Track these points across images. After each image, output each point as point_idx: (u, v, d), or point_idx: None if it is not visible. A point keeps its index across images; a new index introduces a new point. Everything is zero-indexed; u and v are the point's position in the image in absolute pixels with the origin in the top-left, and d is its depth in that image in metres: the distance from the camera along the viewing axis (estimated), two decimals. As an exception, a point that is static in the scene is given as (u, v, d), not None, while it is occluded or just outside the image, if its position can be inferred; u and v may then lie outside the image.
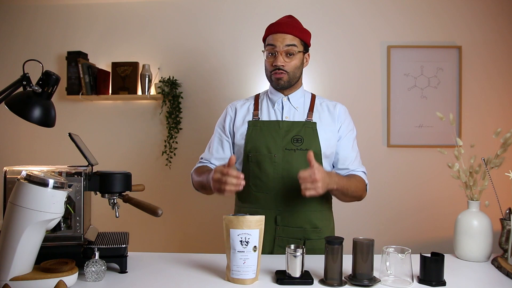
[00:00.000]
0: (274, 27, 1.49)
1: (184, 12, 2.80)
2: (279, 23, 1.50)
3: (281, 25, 1.48)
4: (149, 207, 1.18)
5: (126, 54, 2.80)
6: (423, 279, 1.13)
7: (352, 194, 1.46)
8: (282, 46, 1.46)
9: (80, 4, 2.83)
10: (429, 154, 2.65)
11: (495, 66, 2.66)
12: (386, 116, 2.70)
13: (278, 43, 1.46)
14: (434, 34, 2.69)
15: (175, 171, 2.79)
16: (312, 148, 1.47)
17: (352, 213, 2.63)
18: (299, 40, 1.48)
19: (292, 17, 1.54)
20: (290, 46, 1.46)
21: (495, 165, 1.40)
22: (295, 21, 1.52)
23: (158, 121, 2.81)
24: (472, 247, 1.36)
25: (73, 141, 1.25)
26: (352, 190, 1.45)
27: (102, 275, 1.13)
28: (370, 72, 2.72)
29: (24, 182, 1.01)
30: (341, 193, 1.42)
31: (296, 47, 1.47)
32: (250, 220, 1.12)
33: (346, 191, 1.42)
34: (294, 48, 1.46)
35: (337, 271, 1.10)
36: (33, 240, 1.03)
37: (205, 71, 2.79)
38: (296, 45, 1.47)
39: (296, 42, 1.47)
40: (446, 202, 2.61)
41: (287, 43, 1.46)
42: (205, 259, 1.34)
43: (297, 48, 1.47)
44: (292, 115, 1.53)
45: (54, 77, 1.15)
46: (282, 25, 1.48)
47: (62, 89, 2.74)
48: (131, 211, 1.39)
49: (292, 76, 1.50)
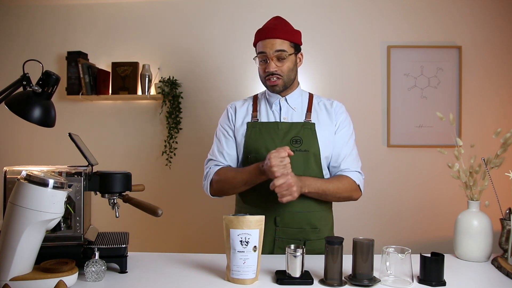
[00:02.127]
0: (262, 33, 1.48)
1: (184, 12, 2.80)
2: (267, 28, 1.48)
3: (268, 30, 1.46)
4: (149, 207, 1.18)
5: (126, 54, 2.81)
6: (423, 279, 1.13)
7: (334, 196, 1.46)
8: (272, 52, 1.45)
9: (80, 4, 2.83)
10: (429, 154, 2.65)
11: (495, 66, 2.66)
12: (386, 116, 2.70)
13: (268, 49, 1.45)
14: (434, 34, 2.69)
15: (175, 171, 2.79)
16: (311, 149, 1.47)
17: (352, 213, 2.63)
18: (289, 43, 1.47)
19: (279, 19, 1.52)
20: (280, 51, 1.45)
21: (495, 165, 1.40)
22: (282, 23, 1.50)
23: (158, 121, 2.81)
24: (472, 247, 1.36)
25: (73, 141, 1.25)
26: (333, 192, 1.44)
27: (102, 275, 1.13)
28: (370, 72, 2.72)
29: (24, 182, 1.01)
30: (318, 195, 1.44)
31: (285, 52, 1.45)
32: (250, 220, 1.12)
33: (324, 193, 1.43)
34: (284, 53, 1.45)
35: (337, 271, 1.10)
36: (33, 240, 1.03)
37: (205, 71, 2.79)
38: (285, 49, 1.45)
39: (286, 46, 1.46)
40: (446, 202, 2.61)
41: (276, 49, 1.44)
42: (205, 259, 1.34)
43: (287, 52, 1.46)
44: (290, 116, 1.53)
45: (54, 77, 1.15)
46: (269, 30, 1.46)
47: (62, 89, 2.74)
48: (131, 211, 1.39)
49: (287, 79, 1.49)
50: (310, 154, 1.46)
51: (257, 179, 1.41)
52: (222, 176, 1.50)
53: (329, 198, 1.48)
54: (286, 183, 1.29)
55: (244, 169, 1.46)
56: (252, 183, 1.44)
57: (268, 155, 1.31)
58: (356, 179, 1.50)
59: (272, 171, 1.29)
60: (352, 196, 1.51)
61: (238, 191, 1.53)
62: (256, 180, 1.42)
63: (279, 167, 1.29)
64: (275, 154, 1.30)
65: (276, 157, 1.29)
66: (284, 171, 1.30)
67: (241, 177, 1.45)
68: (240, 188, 1.49)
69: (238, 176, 1.46)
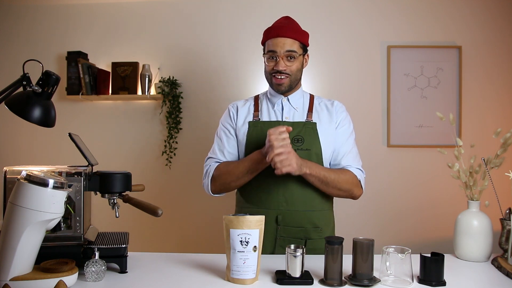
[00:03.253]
0: (273, 31, 1.48)
1: (184, 12, 2.80)
2: (278, 27, 1.49)
3: (280, 29, 1.47)
4: (149, 207, 1.18)
5: (126, 54, 2.81)
6: (423, 279, 1.13)
7: (335, 185, 1.43)
8: (283, 52, 1.46)
9: (80, 4, 2.83)
10: (429, 154, 2.65)
11: (495, 66, 2.66)
12: (386, 116, 2.70)
13: (279, 48, 1.46)
14: (434, 34, 2.69)
15: (175, 171, 2.79)
16: (313, 148, 1.47)
17: (352, 213, 2.63)
18: (299, 43, 1.48)
19: (289, 19, 1.54)
20: (290, 51, 1.46)
21: (495, 165, 1.40)
22: (293, 23, 1.51)
23: (158, 121, 2.81)
24: (472, 247, 1.35)
25: (73, 141, 1.25)
26: (334, 180, 1.42)
27: (102, 275, 1.13)
28: (370, 72, 2.72)
29: (24, 182, 1.01)
30: (319, 181, 1.41)
31: (296, 52, 1.47)
32: (250, 220, 1.12)
33: (325, 180, 1.41)
34: (294, 53, 1.46)
35: (337, 271, 1.10)
36: (33, 240, 1.03)
37: (205, 71, 2.79)
38: (295, 50, 1.47)
39: (296, 46, 1.47)
40: (446, 202, 2.61)
41: (287, 49, 1.46)
42: (205, 259, 1.34)
43: (297, 52, 1.47)
44: (292, 116, 1.54)
45: (54, 77, 1.15)
46: (281, 29, 1.47)
47: (62, 89, 2.74)
48: (131, 211, 1.39)
49: (294, 79, 1.51)
50: (312, 153, 1.47)
51: (260, 165, 1.40)
52: (223, 169, 1.49)
53: (330, 187, 1.44)
54: (285, 151, 1.28)
55: (245, 158, 1.47)
56: (255, 170, 1.43)
57: (268, 132, 1.31)
58: (357, 175, 1.49)
59: (272, 145, 1.28)
60: (352, 191, 1.48)
61: (241, 182, 1.48)
62: (258, 166, 1.41)
63: (278, 140, 1.29)
64: (273, 130, 1.31)
65: (275, 132, 1.30)
66: (284, 144, 1.29)
67: (243, 165, 1.44)
68: (243, 178, 1.46)
69: (240, 165, 1.45)
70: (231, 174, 1.47)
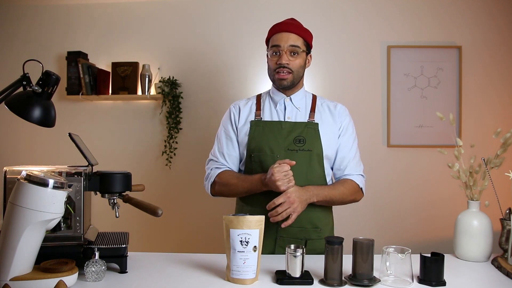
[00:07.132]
0: (278, 27, 1.52)
1: (184, 12, 2.80)
2: (283, 23, 1.53)
3: (285, 25, 1.51)
4: (149, 207, 1.18)
5: (126, 54, 2.80)
6: (423, 279, 1.13)
7: (340, 201, 1.50)
8: (287, 46, 1.48)
9: (80, 4, 2.83)
10: (429, 154, 2.65)
11: (495, 66, 2.66)
12: (386, 116, 2.70)
13: (283, 43, 1.48)
14: (434, 34, 2.69)
15: (175, 171, 2.79)
16: (314, 148, 1.48)
17: (352, 213, 2.62)
18: (303, 40, 1.51)
19: (294, 20, 1.57)
20: (294, 46, 1.48)
21: (495, 165, 1.40)
22: (298, 23, 1.55)
23: (158, 121, 2.81)
24: (472, 247, 1.36)
25: (73, 141, 1.25)
26: (339, 198, 1.48)
27: (102, 275, 1.13)
28: (370, 72, 2.72)
29: (24, 182, 1.01)
30: (325, 202, 1.47)
31: (299, 48, 1.49)
32: (250, 220, 1.12)
33: (331, 200, 1.47)
34: (297, 48, 1.49)
35: (337, 271, 1.10)
36: (33, 240, 1.03)
37: (205, 71, 2.79)
38: (299, 46, 1.49)
39: (300, 43, 1.49)
40: (446, 202, 2.61)
41: (291, 43, 1.48)
42: (205, 259, 1.34)
43: (300, 48, 1.49)
44: (294, 116, 1.54)
45: (54, 77, 1.15)
46: (286, 25, 1.51)
47: (62, 89, 2.74)
48: (131, 211, 1.39)
49: (296, 75, 1.51)
50: (313, 154, 1.47)
51: (259, 189, 1.44)
52: (224, 181, 1.52)
53: (335, 203, 1.52)
54: (288, 201, 1.33)
55: (246, 178, 1.48)
56: (253, 192, 1.47)
57: (271, 169, 1.34)
58: (359, 183, 1.54)
59: (277, 186, 1.32)
60: (355, 199, 1.55)
61: (239, 196, 1.57)
62: (257, 190, 1.45)
63: (284, 181, 1.32)
64: (278, 169, 1.32)
65: (279, 172, 1.32)
66: (290, 185, 1.34)
67: (242, 185, 1.48)
68: (241, 195, 1.53)
69: (240, 185, 1.48)
70: (231, 190, 1.52)
